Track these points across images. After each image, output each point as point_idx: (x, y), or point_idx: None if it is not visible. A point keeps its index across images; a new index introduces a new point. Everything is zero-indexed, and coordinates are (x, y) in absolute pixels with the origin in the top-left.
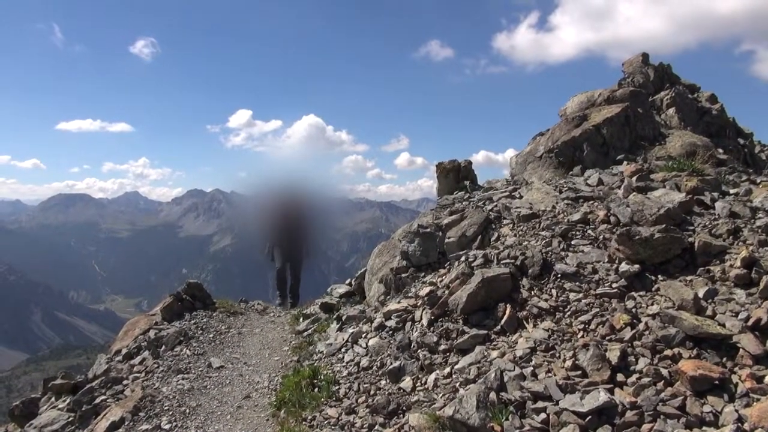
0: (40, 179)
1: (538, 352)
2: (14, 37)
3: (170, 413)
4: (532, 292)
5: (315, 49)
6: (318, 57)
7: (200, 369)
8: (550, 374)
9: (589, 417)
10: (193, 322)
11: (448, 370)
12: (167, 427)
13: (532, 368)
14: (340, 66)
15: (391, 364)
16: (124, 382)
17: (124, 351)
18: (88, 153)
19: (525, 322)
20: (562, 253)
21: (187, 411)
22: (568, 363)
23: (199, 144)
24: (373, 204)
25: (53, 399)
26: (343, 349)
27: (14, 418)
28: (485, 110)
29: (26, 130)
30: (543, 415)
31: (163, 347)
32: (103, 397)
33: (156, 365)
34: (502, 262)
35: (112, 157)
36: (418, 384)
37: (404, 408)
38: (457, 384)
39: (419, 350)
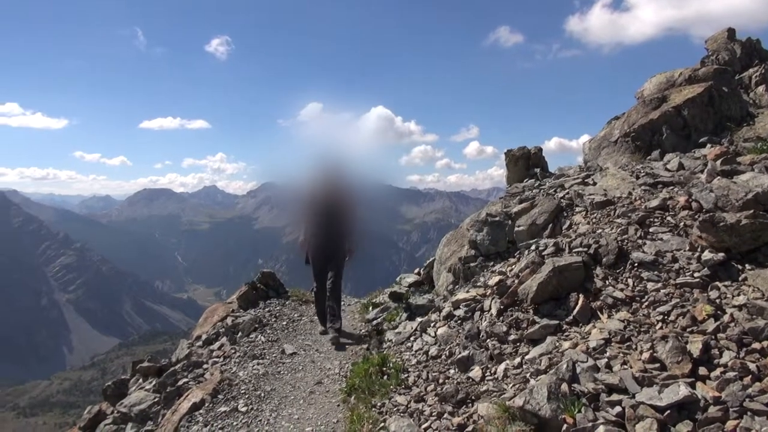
0: (127, 175)
1: (612, 344)
2: (102, 43)
3: (246, 396)
4: (607, 282)
5: (383, 40)
6: (387, 48)
7: (274, 355)
8: (625, 366)
9: (668, 411)
10: (267, 310)
11: (518, 360)
12: (244, 409)
13: (606, 360)
14: (409, 57)
15: (460, 353)
16: (204, 366)
17: (203, 337)
18: (170, 149)
19: (599, 313)
20: (639, 241)
21: (262, 395)
22: (646, 355)
23: (272, 138)
24: (443, 194)
25: (141, 380)
26: (411, 338)
27: (107, 397)
28: (558, 96)
29: (113, 129)
30: (618, 408)
31: (240, 334)
32: (185, 380)
33: (233, 351)
34: (574, 250)
35: (191, 153)
36: (487, 374)
37: (473, 397)
38: (528, 375)
39: (488, 340)
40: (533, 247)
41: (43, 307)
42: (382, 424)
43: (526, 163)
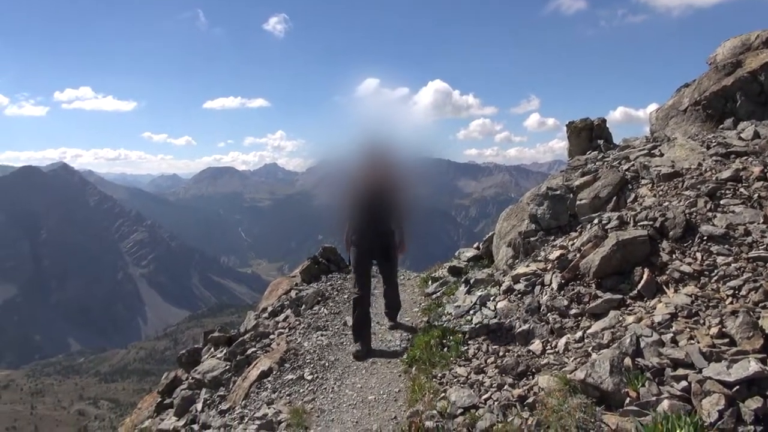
0: (192, 154)
1: (679, 318)
2: (166, 26)
3: (311, 365)
4: (674, 256)
5: (440, 12)
6: (443, 21)
7: (337, 327)
8: (692, 341)
9: (737, 387)
10: (329, 283)
11: (579, 334)
12: (309, 377)
13: (672, 334)
14: (467, 28)
15: (520, 326)
16: (271, 336)
17: (269, 309)
18: (232, 128)
19: (665, 287)
20: (709, 214)
21: (327, 364)
22: (714, 330)
23: (330, 115)
24: (502, 168)
25: (212, 349)
26: (471, 311)
27: (182, 365)
28: (623, 64)
29: (178, 110)
30: (684, 383)
31: (303, 306)
32: (253, 349)
33: (297, 322)
34: (639, 224)
35: (252, 132)
36: (548, 347)
37: (533, 370)
38: (590, 348)
39: (549, 314)
40: (596, 221)
41: (119, 281)
42: (443, 394)
43: (588, 135)
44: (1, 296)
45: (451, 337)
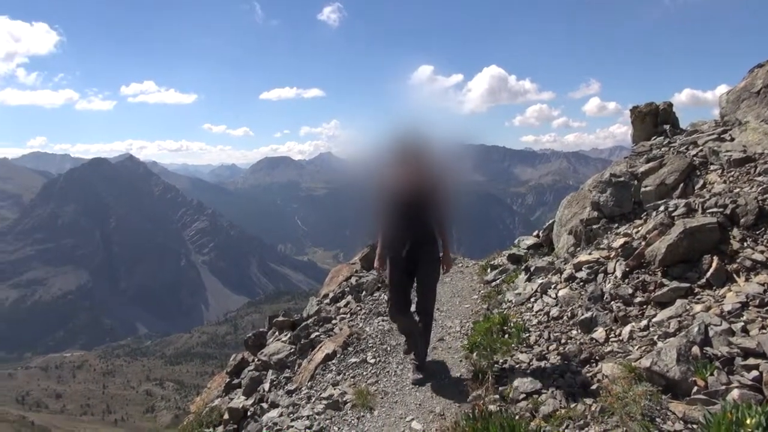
0: (250, 145)
1: (750, 307)
2: (225, 20)
3: (374, 349)
4: (745, 244)
5: None
6: (499, 4)
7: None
8: (764, 331)
9: None
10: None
11: (644, 322)
12: (372, 361)
13: (742, 324)
14: (524, 12)
15: (583, 314)
16: (333, 321)
17: (331, 295)
18: (288, 118)
19: (735, 276)
20: None
21: (388, 348)
22: None
23: (383, 104)
24: (560, 155)
25: (277, 333)
26: (532, 299)
27: (248, 347)
28: (690, 44)
29: (236, 101)
30: (755, 373)
31: (364, 292)
32: (316, 333)
33: (359, 308)
34: (708, 211)
35: (307, 121)
36: (612, 335)
37: (597, 357)
38: (655, 337)
39: (612, 302)
40: (662, 208)
41: (182, 268)
42: (505, 380)
43: (653, 120)
44: (75, 282)
45: (511, 324)
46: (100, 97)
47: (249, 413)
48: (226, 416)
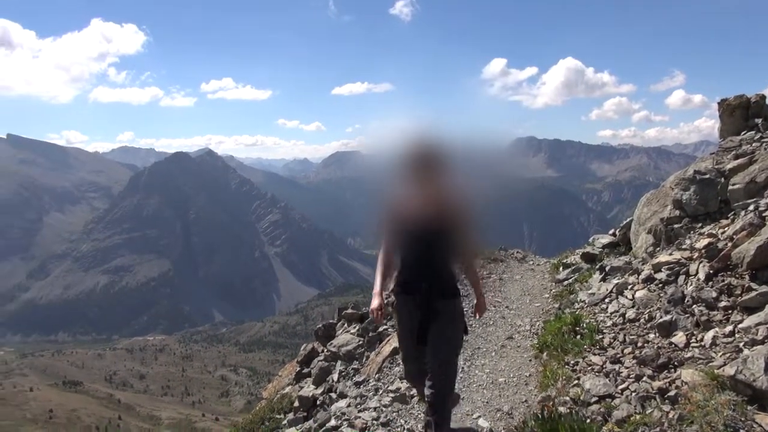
0: (322, 139)
1: None
2: (298, 16)
3: None
4: None
5: None
6: None
7: (465, 309)
8: None
9: None
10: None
11: (729, 328)
12: None
13: None
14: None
15: (661, 317)
16: None
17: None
18: (358, 113)
19: None
20: None
21: None
22: None
23: (454, 98)
24: (639, 150)
25: (346, 325)
26: (606, 300)
27: (318, 338)
28: None
29: (309, 97)
30: None
31: None
32: (384, 327)
33: None
34: None
35: (378, 116)
36: (693, 340)
37: (676, 363)
38: (741, 344)
39: (694, 305)
40: (751, 208)
41: (256, 259)
42: (576, 382)
43: (744, 113)
44: (158, 270)
45: (584, 325)
46: (182, 94)
47: (318, 402)
48: (296, 404)
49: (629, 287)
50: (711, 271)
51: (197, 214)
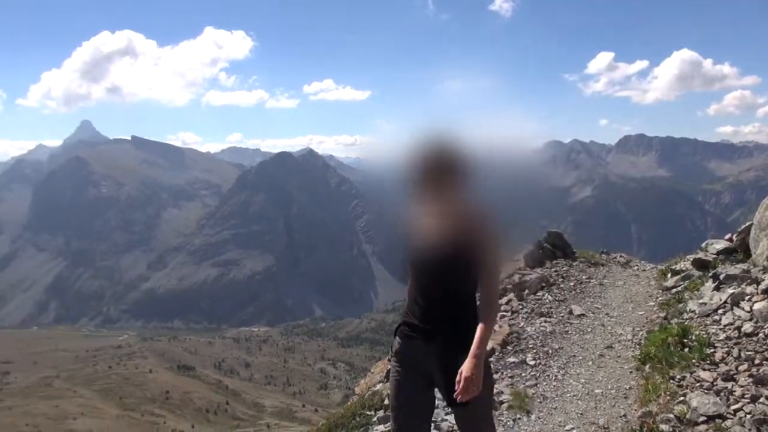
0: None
1: None
2: (398, 17)
3: (534, 351)
4: None
5: None
6: None
7: (561, 314)
8: None
9: None
10: (553, 269)
11: None
12: (532, 362)
13: None
14: None
15: None
16: None
17: None
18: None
19: None
20: None
21: (550, 351)
22: None
23: (557, 94)
24: (765, 148)
25: None
26: (719, 311)
27: None
28: None
29: (408, 96)
30: None
31: (526, 291)
32: None
33: (520, 306)
34: None
35: (475, 115)
36: None
37: None
38: None
39: None
40: None
41: (354, 257)
42: (682, 398)
43: None
44: (262, 264)
45: (693, 337)
46: (286, 96)
47: None
48: (386, 401)
49: (747, 298)
50: None
51: (299, 212)
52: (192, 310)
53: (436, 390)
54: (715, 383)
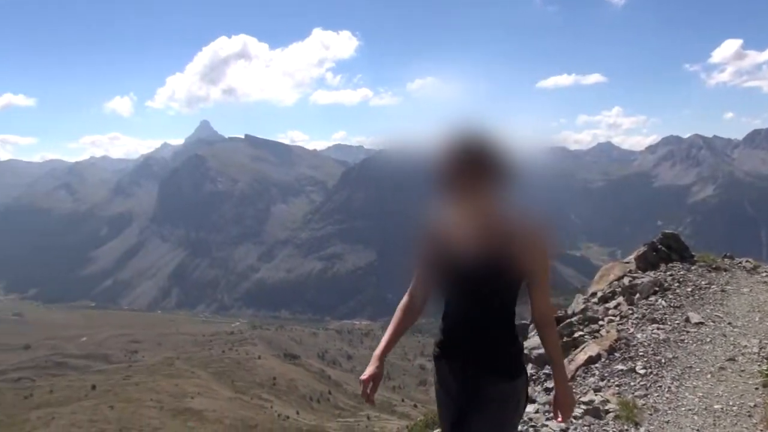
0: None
1: None
2: (500, 12)
3: (645, 359)
4: None
5: None
6: None
7: (676, 322)
8: None
9: None
10: (668, 273)
11: None
12: (642, 371)
13: None
14: None
15: None
16: (600, 322)
17: (599, 294)
18: (564, 107)
19: None
20: None
21: (663, 361)
22: None
23: (677, 86)
24: None
25: None
26: None
27: None
28: None
29: (512, 92)
30: None
31: (638, 295)
32: (580, 333)
33: (630, 311)
34: None
35: (585, 109)
36: None
37: None
38: None
39: None
40: None
41: None
42: None
43: None
44: (364, 259)
45: None
46: (390, 94)
47: None
48: None
49: None
50: None
51: (399, 208)
52: (298, 302)
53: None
54: None
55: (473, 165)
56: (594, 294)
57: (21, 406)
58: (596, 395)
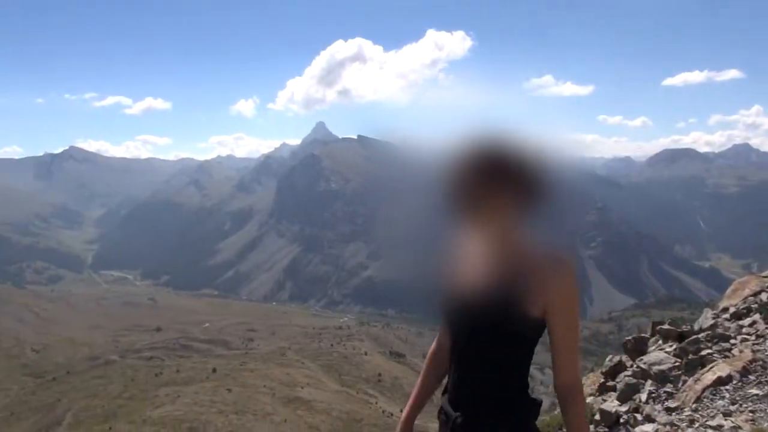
0: (647, 136)
1: None
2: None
3: None
4: None
5: None
6: None
7: None
8: None
9: None
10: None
11: None
12: None
13: None
14: None
15: None
16: (731, 341)
17: (731, 310)
18: (694, 106)
19: None
20: None
21: None
22: None
23: None
24: None
25: (660, 342)
26: None
27: (626, 351)
28: None
29: (635, 90)
30: None
31: None
32: (708, 351)
33: (767, 330)
34: None
35: (719, 108)
36: None
37: None
38: None
39: None
40: None
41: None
42: None
43: None
44: None
45: None
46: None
47: (621, 420)
48: (597, 416)
49: None
50: None
51: None
52: (405, 301)
53: None
54: None
55: (488, 176)
56: (725, 309)
57: (152, 383)
58: (725, 420)
